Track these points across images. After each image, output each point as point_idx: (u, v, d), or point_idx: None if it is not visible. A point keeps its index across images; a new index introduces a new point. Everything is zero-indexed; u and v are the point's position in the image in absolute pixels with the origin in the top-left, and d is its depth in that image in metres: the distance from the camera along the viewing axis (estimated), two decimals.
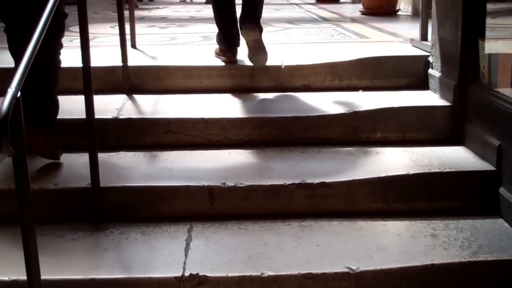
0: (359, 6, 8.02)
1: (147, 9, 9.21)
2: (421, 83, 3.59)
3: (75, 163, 2.88)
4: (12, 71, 1.72)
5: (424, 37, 3.93)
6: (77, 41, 3.12)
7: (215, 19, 3.85)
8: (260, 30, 3.75)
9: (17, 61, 1.79)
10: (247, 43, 3.69)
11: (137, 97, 3.47)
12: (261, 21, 3.67)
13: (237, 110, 3.27)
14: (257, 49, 3.66)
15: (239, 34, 3.80)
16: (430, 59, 3.59)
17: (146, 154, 3.01)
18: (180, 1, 11.02)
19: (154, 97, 3.47)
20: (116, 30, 3.86)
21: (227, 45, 3.77)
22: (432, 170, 2.76)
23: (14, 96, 1.56)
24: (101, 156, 2.69)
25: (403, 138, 3.17)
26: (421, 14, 4.00)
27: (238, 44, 3.81)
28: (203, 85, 3.61)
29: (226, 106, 3.33)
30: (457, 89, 3.16)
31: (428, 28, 3.88)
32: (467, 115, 3.10)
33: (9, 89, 1.58)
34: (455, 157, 2.94)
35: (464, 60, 3.12)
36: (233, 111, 3.24)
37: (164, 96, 3.49)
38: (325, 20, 6.95)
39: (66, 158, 2.95)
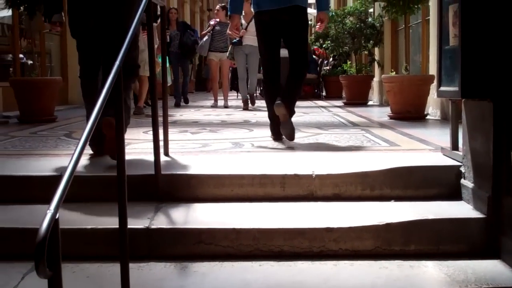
0: (387, 109, 8.09)
1: (178, 113, 9.43)
2: (454, 193, 3.56)
3: (105, 274, 2.87)
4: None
5: (455, 146, 3.93)
6: None
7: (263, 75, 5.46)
8: (290, 111, 4.97)
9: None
10: (278, 117, 5.00)
11: (168, 205, 3.48)
12: None
13: (268, 219, 3.26)
14: (285, 123, 4.97)
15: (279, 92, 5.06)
16: (462, 169, 3.58)
17: (176, 265, 2.98)
18: (212, 106, 11.28)
19: (186, 206, 3.48)
20: (149, 135, 3.94)
21: (270, 102, 5.14)
22: (469, 287, 2.69)
23: (52, 218, 1.58)
24: (132, 266, 2.67)
25: (437, 250, 3.11)
26: (451, 124, 4.00)
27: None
28: (234, 193, 3.62)
29: (257, 216, 3.32)
30: (491, 201, 3.13)
31: (458, 137, 3.89)
32: (502, 228, 3.05)
33: (48, 211, 1.61)
34: (491, 271, 2.87)
35: (497, 172, 3.11)
36: (264, 221, 3.23)
37: (195, 205, 3.50)
38: (354, 125, 7.02)
39: (97, 268, 2.94)
